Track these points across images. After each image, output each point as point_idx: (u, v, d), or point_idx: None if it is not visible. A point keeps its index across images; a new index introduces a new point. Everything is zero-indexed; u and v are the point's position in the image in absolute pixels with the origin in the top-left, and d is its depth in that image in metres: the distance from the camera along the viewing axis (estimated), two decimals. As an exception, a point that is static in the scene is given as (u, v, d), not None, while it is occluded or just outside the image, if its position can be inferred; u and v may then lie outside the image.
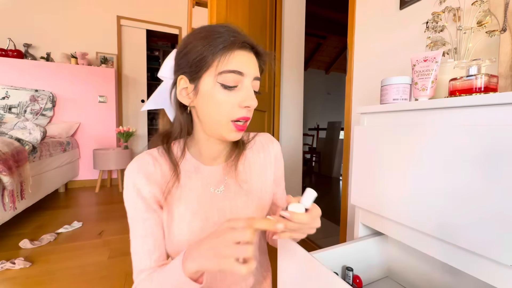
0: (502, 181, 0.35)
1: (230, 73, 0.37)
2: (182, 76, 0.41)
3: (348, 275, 0.56)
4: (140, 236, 0.41)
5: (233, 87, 0.38)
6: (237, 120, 0.39)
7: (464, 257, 0.41)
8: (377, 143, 0.57)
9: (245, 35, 0.40)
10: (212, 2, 1.27)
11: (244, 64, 0.38)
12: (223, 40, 0.37)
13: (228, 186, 0.46)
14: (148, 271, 0.41)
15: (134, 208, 0.41)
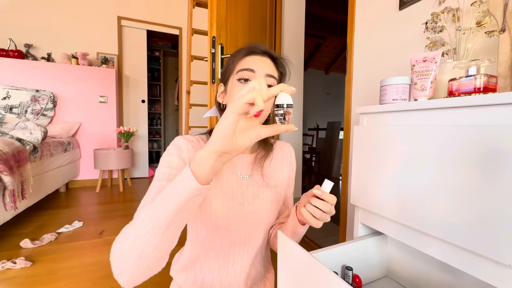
0: (502, 181, 0.35)
1: (244, 70, 0.47)
2: (221, 84, 0.54)
3: (347, 274, 0.57)
4: (159, 180, 0.43)
5: (246, 80, 0.47)
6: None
7: (464, 257, 0.41)
8: (376, 143, 0.57)
9: (261, 46, 0.50)
10: (212, 2, 1.27)
11: (255, 63, 0.47)
12: (243, 50, 0.49)
13: (253, 176, 0.54)
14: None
15: (167, 162, 0.45)
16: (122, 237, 0.35)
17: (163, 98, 4.27)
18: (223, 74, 0.53)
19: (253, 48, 0.50)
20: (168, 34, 3.22)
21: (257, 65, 0.47)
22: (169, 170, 0.44)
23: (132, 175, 3.10)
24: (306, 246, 1.40)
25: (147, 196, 0.42)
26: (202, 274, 0.53)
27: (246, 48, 0.50)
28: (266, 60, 0.49)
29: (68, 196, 2.32)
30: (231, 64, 0.50)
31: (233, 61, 0.50)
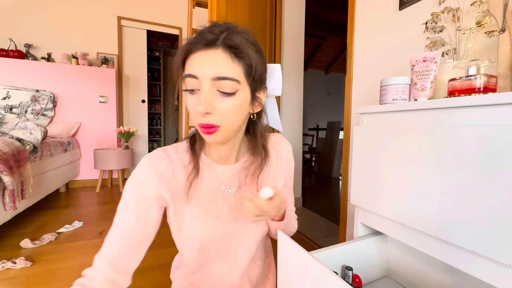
0: (502, 181, 0.35)
1: (187, 77, 0.37)
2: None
3: (347, 274, 0.57)
4: (117, 231, 0.43)
5: (192, 90, 0.37)
6: (199, 125, 0.38)
7: (464, 257, 0.41)
8: (376, 143, 0.57)
9: (211, 30, 0.36)
10: (212, 2, 1.27)
11: (197, 65, 0.35)
12: (186, 44, 0.36)
13: (240, 187, 0.47)
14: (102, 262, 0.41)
15: (125, 206, 0.43)
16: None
17: (163, 98, 4.27)
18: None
19: (195, 40, 0.36)
20: (168, 34, 3.22)
21: (199, 68, 0.35)
22: (122, 223, 0.43)
23: (132, 175, 3.10)
24: (306, 246, 1.40)
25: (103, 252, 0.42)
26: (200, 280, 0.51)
27: (187, 41, 0.37)
28: (216, 53, 0.35)
29: (68, 196, 2.31)
30: (175, 64, 0.39)
31: (176, 60, 0.38)
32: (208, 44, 0.35)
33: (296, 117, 2.07)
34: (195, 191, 0.44)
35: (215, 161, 0.46)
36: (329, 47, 4.81)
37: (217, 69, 0.35)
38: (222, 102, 0.37)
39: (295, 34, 2.00)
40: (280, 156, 0.51)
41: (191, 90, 0.37)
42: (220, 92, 0.36)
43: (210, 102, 0.36)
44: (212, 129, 0.37)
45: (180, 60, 0.37)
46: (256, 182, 0.47)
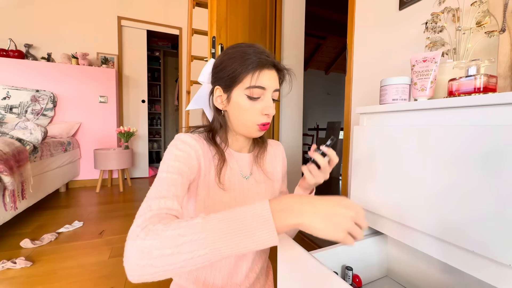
0: (502, 180, 0.35)
1: (256, 88, 0.47)
2: (217, 87, 0.51)
3: (347, 274, 0.57)
4: (170, 173, 0.41)
5: (256, 98, 0.48)
6: (259, 124, 0.49)
7: (464, 257, 0.41)
8: (376, 143, 0.57)
9: (268, 54, 0.49)
10: (212, 2, 1.27)
11: (267, 80, 0.48)
12: (251, 62, 0.47)
13: (253, 174, 0.57)
14: (169, 201, 0.36)
15: (175, 157, 0.44)
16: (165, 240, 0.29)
17: (163, 98, 4.27)
18: (225, 78, 0.49)
19: (264, 61, 0.47)
20: (168, 34, 3.22)
21: (268, 82, 0.48)
22: (179, 165, 0.43)
23: (132, 175, 3.10)
24: (306, 246, 1.40)
25: (162, 188, 0.38)
26: (205, 272, 0.53)
27: (254, 58, 0.47)
28: (274, 74, 0.49)
29: (68, 196, 2.32)
30: (239, 74, 0.47)
31: (240, 71, 0.47)
32: (273, 65, 0.49)
33: (296, 117, 2.07)
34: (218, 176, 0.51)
35: (234, 150, 0.56)
36: (329, 47, 4.81)
37: (276, 84, 0.50)
38: (273, 106, 0.51)
39: (295, 34, 2.00)
40: (277, 153, 0.64)
41: (257, 98, 0.48)
42: (272, 100, 0.50)
43: (273, 106, 0.50)
44: (267, 125, 0.50)
45: (252, 69, 0.47)
46: (261, 168, 0.58)
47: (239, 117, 0.50)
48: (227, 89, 0.50)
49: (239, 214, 0.30)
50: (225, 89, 0.50)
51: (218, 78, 0.51)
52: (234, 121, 0.51)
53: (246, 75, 0.47)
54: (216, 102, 0.52)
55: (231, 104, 0.50)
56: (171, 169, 0.42)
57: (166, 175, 0.41)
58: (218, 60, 0.52)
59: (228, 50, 0.51)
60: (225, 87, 0.50)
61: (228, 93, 0.50)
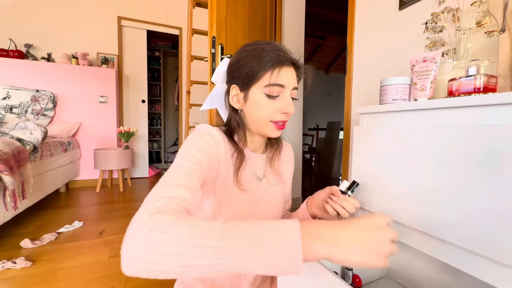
0: (502, 180, 0.35)
1: (275, 86, 0.46)
2: (234, 86, 0.50)
3: (347, 274, 0.57)
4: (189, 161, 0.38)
5: (276, 96, 0.47)
6: (277, 121, 0.48)
7: (464, 257, 0.41)
8: (376, 143, 0.57)
9: (286, 51, 0.48)
10: (212, 2, 1.27)
11: (286, 78, 0.46)
12: (269, 59, 0.45)
13: (267, 175, 0.56)
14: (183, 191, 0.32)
15: (197, 146, 0.41)
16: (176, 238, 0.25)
17: (163, 98, 4.27)
18: (243, 77, 0.47)
19: (283, 58, 0.46)
20: (168, 34, 3.22)
21: (287, 80, 0.46)
22: (200, 155, 0.40)
23: (132, 175, 3.10)
24: (306, 246, 1.40)
25: (178, 176, 0.34)
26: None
27: (272, 55, 0.45)
28: (293, 71, 0.48)
29: (68, 196, 2.32)
30: (257, 72, 0.45)
31: (259, 69, 0.45)
32: (291, 63, 0.47)
33: (296, 117, 2.07)
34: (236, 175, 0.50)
35: (250, 150, 0.55)
36: (329, 47, 4.81)
37: (295, 82, 0.49)
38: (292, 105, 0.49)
39: (295, 34, 1.99)
40: (288, 154, 0.63)
41: (276, 96, 0.47)
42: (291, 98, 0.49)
43: (292, 105, 0.48)
44: (285, 124, 0.49)
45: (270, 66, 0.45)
46: (274, 170, 0.58)
47: (257, 115, 0.48)
48: (244, 88, 0.48)
49: (264, 231, 0.26)
50: (242, 87, 0.48)
51: (235, 77, 0.49)
52: (251, 120, 0.50)
53: (265, 73, 0.45)
54: (232, 101, 0.51)
55: (249, 103, 0.48)
56: (192, 158, 0.38)
57: (185, 163, 0.37)
58: (234, 58, 0.50)
59: (245, 48, 0.49)
60: (242, 85, 0.48)
61: (246, 91, 0.48)
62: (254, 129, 0.51)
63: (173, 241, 0.25)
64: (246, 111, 0.50)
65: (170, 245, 0.25)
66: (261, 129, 0.50)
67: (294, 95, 0.49)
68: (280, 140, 0.60)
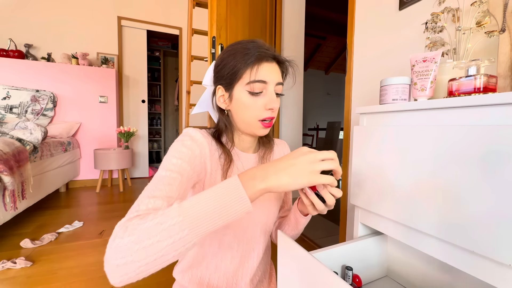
0: (502, 180, 0.35)
1: (256, 82, 0.45)
2: (219, 86, 0.50)
3: (347, 274, 0.57)
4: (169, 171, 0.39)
5: (258, 93, 0.46)
6: (263, 119, 0.47)
7: (464, 257, 0.41)
8: (376, 143, 0.57)
9: (268, 48, 0.47)
10: (212, 2, 1.27)
11: (267, 74, 0.46)
12: (250, 56, 0.45)
13: None
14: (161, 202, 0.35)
15: (178, 154, 0.42)
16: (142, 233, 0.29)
17: (163, 98, 4.27)
18: (225, 76, 0.48)
19: (263, 54, 0.46)
20: (168, 34, 3.22)
21: (269, 76, 0.46)
22: (181, 163, 0.41)
23: (132, 175, 3.10)
24: (306, 246, 1.40)
25: (156, 187, 0.36)
26: (208, 274, 0.52)
27: (254, 50, 0.45)
28: (275, 66, 0.47)
29: (68, 196, 2.32)
30: (239, 70, 0.46)
31: (240, 67, 0.46)
32: (273, 58, 0.47)
33: (296, 117, 2.07)
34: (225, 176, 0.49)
35: (240, 150, 0.55)
36: (329, 47, 4.81)
37: (278, 77, 0.48)
38: (277, 101, 0.48)
39: (295, 34, 2.00)
40: (283, 152, 0.62)
41: (258, 92, 0.46)
42: (276, 94, 0.48)
43: (277, 100, 0.48)
44: (272, 121, 0.49)
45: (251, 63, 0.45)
46: None
47: (242, 114, 0.48)
48: (228, 87, 0.48)
49: (212, 192, 0.32)
50: (227, 87, 0.49)
51: (219, 77, 0.49)
52: (238, 120, 0.50)
53: (246, 70, 0.45)
54: (219, 102, 0.51)
55: (234, 102, 0.48)
56: (172, 166, 0.40)
57: (164, 173, 0.39)
58: (218, 59, 0.50)
59: (228, 48, 0.49)
60: (226, 85, 0.48)
61: (230, 91, 0.48)
62: (242, 128, 0.51)
63: (144, 236, 0.28)
64: (232, 111, 0.50)
65: (143, 240, 0.28)
66: (248, 128, 0.49)
67: (279, 90, 0.48)
68: (270, 138, 0.59)
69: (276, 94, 0.48)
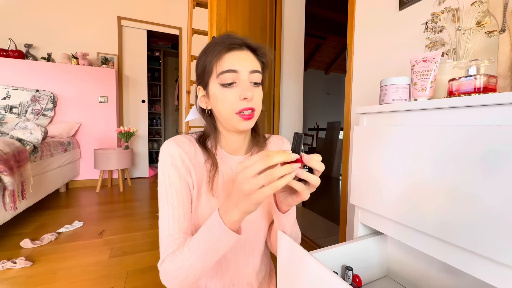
0: (502, 180, 0.35)
1: (225, 73, 0.43)
2: (199, 87, 0.49)
3: (347, 274, 0.57)
4: (172, 206, 0.44)
5: (231, 84, 0.43)
6: (240, 111, 0.44)
7: (464, 257, 0.41)
8: (376, 143, 0.57)
9: (237, 37, 0.45)
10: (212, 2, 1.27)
11: (237, 62, 0.43)
12: (217, 48, 0.44)
13: None
14: (177, 241, 0.42)
15: (169, 179, 0.45)
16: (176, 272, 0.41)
17: (163, 98, 4.27)
18: (200, 75, 0.47)
19: (230, 42, 0.43)
20: (168, 34, 3.22)
21: (238, 64, 0.43)
22: (176, 193, 0.44)
23: (132, 175, 3.10)
24: (306, 246, 1.40)
25: (170, 225, 0.43)
26: (205, 280, 0.51)
27: (221, 42, 0.44)
28: (247, 54, 0.45)
29: (68, 196, 2.32)
30: (208, 64, 0.44)
31: (210, 61, 0.44)
32: (243, 45, 0.45)
33: (296, 117, 2.07)
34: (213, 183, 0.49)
35: (228, 152, 0.52)
36: (329, 47, 4.82)
37: (251, 64, 0.44)
38: (255, 91, 0.45)
39: (295, 34, 2.00)
40: (280, 148, 0.57)
41: (230, 83, 0.43)
42: (252, 83, 0.45)
43: (251, 89, 0.44)
44: (252, 113, 0.45)
45: (220, 54, 0.43)
46: None
47: (219, 109, 0.45)
48: (204, 86, 0.47)
49: (204, 231, 0.38)
50: (204, 85, 0.47)
51: (197, 77, 0.49)
52: (219, 117, 0.47)
53: (215, 63, 0.43)
54: (201, 103, 0.49)
55: (211, 99, 0.46)
56: (171, 198, 0.44)
57: (168, 209, 0.43)
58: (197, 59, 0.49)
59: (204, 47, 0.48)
60: (202, 84, 0.47)
61: (206, 89, 0.46)
62: (225, 125, 0.48)
63: (177, 277, 0.41)
64: (213, 109, 0.48)
65: (179, 276, 0.40)
66: (229, 124, 0.46)
67: (255, 79, 0.44)
68: (259, 134, 0.54)
69: (254, 83, 0.45)
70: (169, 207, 0.44)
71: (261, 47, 0.47)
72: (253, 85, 0.45)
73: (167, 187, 0.44)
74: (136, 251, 1.28)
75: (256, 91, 0.45)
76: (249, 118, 0.44)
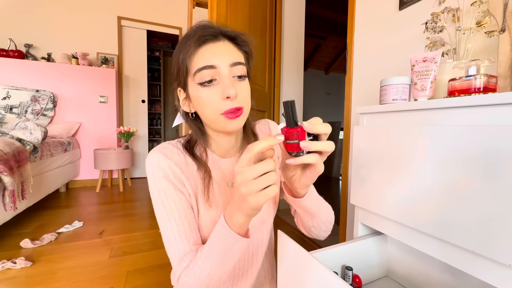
0: (502, 181, 0.35)
1: (201, 70, 0.38)
2: (179, 89, 0.43)
3: (347, 274, 0.57)
4: (174, 221, 0.40)
5: (210, 81, 0.38)
6: (224, 113, 0.39)
7: (464, 257, 0.41)
8: (376, 143, 0.57)
9: (211, 26, 0.40)
10: (212, 2, 1.27)
11: (213, 55, 0.38)
12: (189, 42, 0.39)
13: None
14: (189, 254, 0.40)
15: (164, 193, 0.41)
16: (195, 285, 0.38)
17: (163, 98, 4.27)
18: (177, 76, 0.42)
19: (202, 33, 0.38)
20: (168, 34, 3.22)
21: (215, 57, 0.37)
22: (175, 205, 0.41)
23: (132, 175, 3.10)
24: (306, 246, 1.40)
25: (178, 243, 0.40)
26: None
27: (193, 34, 0.38)
28: (225, 44, 0.39)
29: (68, 196, 2.32)
30: (182, 63, 0.39)
31: (183, 59, 0.39)
32: (215, 36, 0.39)
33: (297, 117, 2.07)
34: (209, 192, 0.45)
35: (219, 156, 0.48)
36: (329, 47, 4.81)
37: (231, 56, 0.39)
38: (240, 85, 0.40)
39: (295, 34, 2.00)
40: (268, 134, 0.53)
41: (209, 81, 0.38)
42: (235, 77, 0.39)
43: (235, 85, 0.38)
44: (239, 112, 0.39)
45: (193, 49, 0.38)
46: None
47: (203, 112, 0.40)
48: (183, 87, 0.42)
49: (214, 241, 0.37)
50: (183, 87, 0.42)
51: (175, 79, 0.43)
52: (205, 119, 0.42)
53: (191, 60, 0.38)
54: (184, 107, 0.44)
55: (193, 102, 0.41)
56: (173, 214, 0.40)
57: (172, 225, 0.40)
58: None
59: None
60: (182, 85, 0.42)
61: (186, 90, 0.41)
62: (213, 127, 0.43)
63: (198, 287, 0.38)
64: (198, 112, 0.43)
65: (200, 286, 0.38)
66: (217, 125, 0.41)
67: (238, 72, 0.39)
68: (250, 131, 0.49)
69: (238, 77, 0.39)
70: (171, 223, 0.40)
71: (240, 34, 0.41)
72: (237, 79, 0.39)
73: (164, 202, 0.40)
74: (136, 251, 1.28)
75: (240, 86, 0.39)
76: (235, 116, 0.39)
